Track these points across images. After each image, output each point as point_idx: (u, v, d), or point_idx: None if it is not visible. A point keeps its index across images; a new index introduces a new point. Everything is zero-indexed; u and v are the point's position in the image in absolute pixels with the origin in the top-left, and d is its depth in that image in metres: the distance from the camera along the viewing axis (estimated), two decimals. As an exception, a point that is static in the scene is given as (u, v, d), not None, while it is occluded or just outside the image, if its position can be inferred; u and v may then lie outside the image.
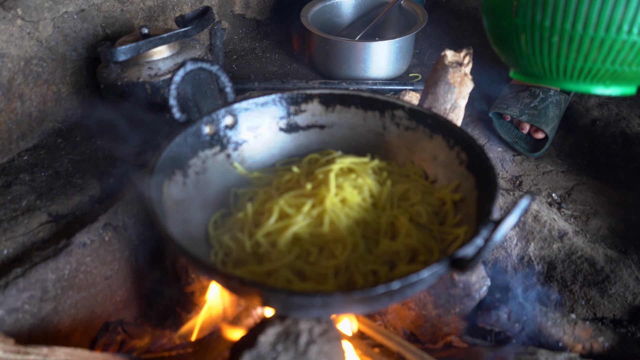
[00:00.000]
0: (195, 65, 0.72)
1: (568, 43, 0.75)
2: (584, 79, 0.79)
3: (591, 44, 0.74)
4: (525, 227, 0.93)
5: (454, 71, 0.82)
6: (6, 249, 0.80)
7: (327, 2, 1.48)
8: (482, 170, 0.67)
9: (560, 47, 0.76)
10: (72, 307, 0.78)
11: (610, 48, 0.73)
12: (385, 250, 0.67)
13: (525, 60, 0.82)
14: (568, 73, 0.79)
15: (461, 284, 0.78)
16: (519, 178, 1.08)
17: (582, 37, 0.74)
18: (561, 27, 0.74)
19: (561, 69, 0.79)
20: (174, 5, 1.31)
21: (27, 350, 0.62)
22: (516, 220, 0.53)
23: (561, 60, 0.78)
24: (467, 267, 0.52)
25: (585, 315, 0.87)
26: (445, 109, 0.83)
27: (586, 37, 0.73)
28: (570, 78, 0.80)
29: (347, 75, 1.35)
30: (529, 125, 1.16)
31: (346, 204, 0.70)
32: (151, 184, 0.62)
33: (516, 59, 0.85)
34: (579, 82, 0.80)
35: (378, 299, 0.54)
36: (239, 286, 0.54)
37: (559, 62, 0.78)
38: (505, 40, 0.83)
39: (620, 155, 1.13)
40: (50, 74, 1.05)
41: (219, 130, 0.76)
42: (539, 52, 0.79)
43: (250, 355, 0.58)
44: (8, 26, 0.95)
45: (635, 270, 0.87)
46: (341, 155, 0.80)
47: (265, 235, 0.68)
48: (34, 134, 1.05)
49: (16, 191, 0.91)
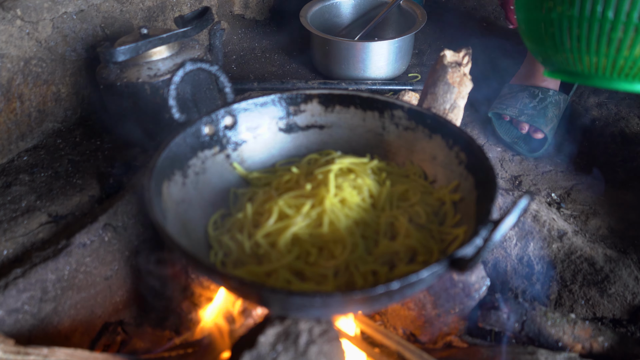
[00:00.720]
0: (195, 65, 0.72)
1: (632, 37, 0.65)
2: (632, 78, 0.70)
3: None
4: (525, 227, 0.93)
5: (453, 71, 0.82)
6: (6, 249, 0.80)
7: (326, 2, 1.48)
8: (481, 170, 0.67)
9: (622, 41, 0.66)
10: (72, 307, 0.78)
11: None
12: (384, 250, 0.67)
13: (571, 58, 0.73)
14: (624, 72, 0.70)
15: (461, 284, 0.78)
16: (518, 178, 1.09)
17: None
18: (627, 18, 0.64)
19: (617, 67, 0.70)
20: (173, 5, 1.31)
21: (27, 351, 0.62)
22: (515, 220, 0.53)
23: (620, 57, 0.68)
24: (467, 267, 0.52)
25: (585, 315, 0.87)
26: (445, 109, 0.83)
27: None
28: (625, 77, 0.70)
29: (346, 76, 1.35)
30: (528, 126, 1.16)
31: (345, 204, 0.70)
32: (151, 185, 0.62)
33: (558, 57, 0.75)
34: (628, 80, 0.71)
35: (378, 299, 0.54)
36: (239, 286, 0.54)
37: (618, 59, 0.68)
38: (547, 34, 0.73)
39: (620, 155, 1.13)
40: (49, 75, 1.05)
41: (218, 131, 0.76)
42: (594, 49, 0.69)
43: (250, 356, 0.58)
44: (7, 26, 0.95)
45: (634, 270, 0.87)
46: (340, 155, 0.80)
47: (265, 235, 0.68)
48: (33, 134, 1.05)
49: (16, 192, 0.91)
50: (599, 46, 0.69)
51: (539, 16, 0.73)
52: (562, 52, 0.73)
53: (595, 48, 0.69)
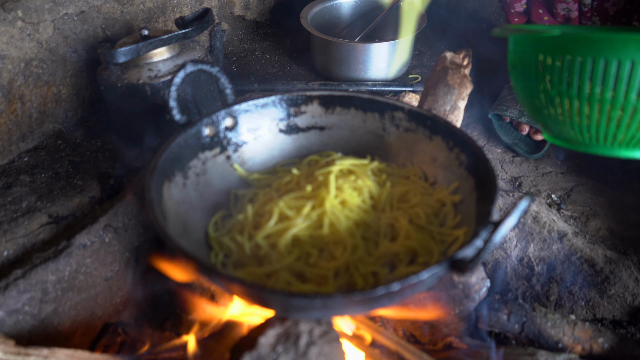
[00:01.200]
0: (195, 66, 0.72)
1: (631, 115, 0.69)
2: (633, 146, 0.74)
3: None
4: (525, 228, 0.93)
5: (454, 73, 0.83)
6: (6, 250, 0.80)
7: (326, 4, 1.48)
8: (481, 172, 0.67)
9: (621, 120, 0.70)
10: (72, 308, 0.78)
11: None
12: (385, 251, 0.67)
13: (572, 132, 0.75)
14: (624, 143, 0.73)
15: (461, 285, 0.78)
16: (518, 179, 1.09)
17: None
18: (625, 99, 0.68)
19: (618, 140, 0.73)
20: (173, 6, 1.32)
21: (27, 352, 0.62)
22: (516, 222, 0.53)
23: (620, 131, 0.71)
24: (467, 268, 0.52)
25: (585, 316, 0.87)
26: (445, 111, 0.83)
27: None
28: (626, 146, 0.73)
29: (346, 77, 1.35)
30: (528, 127, 1.16)
31: (346, 205, 0.70)
32: (151, 186, 0.62)
33: (555, 126, 0.77)
34: (629, 149, 0.74)
35: (378, 300, 0.54)
36: (239, 288, 0.55)
37: (618, 133, 0.71)
38: (546, 108, 0.76)
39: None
40: (50, 76, 1.05)
41: (219, 132, 0.76)
42: (594, 124, 0.72)
43: (250, 357, 0.58)
44: (8, 28, 0.95)
45: (634, 271, 0.87)
46: (341, 157, 0.80)
47: (265, 237, 0.68)
48: (34, 135, 1.05)
49: (16, 192, 0.91)
50: (600, 124, 0.71)
51: (537, 90, 0.75)
52: (563, 125, 0.75)
53: (596, 124, 0.72)
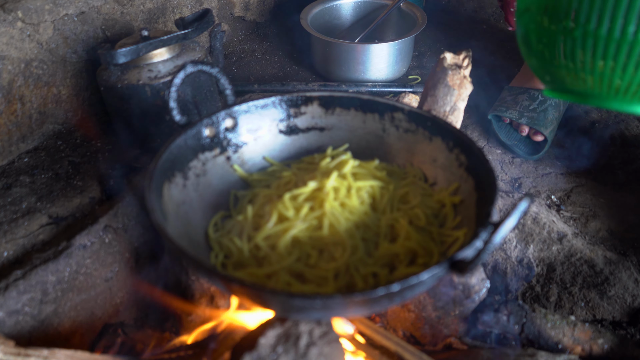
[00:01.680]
0: (195, 67, 0.72)
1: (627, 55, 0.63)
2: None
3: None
4: (525, 229, 0.93)
5: (453, 73, 0.83)
6: (6, 251, 0.80)
7: (326, 5, 1.49)
8: (481, 173, 0.67)
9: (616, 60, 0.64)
10: (72, 309, 0.78)
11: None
12: (384, 252, 0.67)
13: (587, 78, 0.70)
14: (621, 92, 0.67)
15: (461, 286, 0.78)
16: (518, 180, 1.09)
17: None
18: (621, 34, 0.61)
19: (633, 87, 0.67)
20: (173, 7, 1.32)
21: (27, 352, 0.62)
22: (515, 223, 0.53)
23: (637, 76, 0.65)
24: (467, 269, 0.52)
25: (585, 317, 0.88)
26: (445, 112, 0.83)
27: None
28: (623, 97, 0.68)
29: (346, 78, 1.35)
30: (528, 128, 1.16)
31: (346, 207, 0.70)
32: (151, 186, 0.62)
33: (563, 75, 0.72)
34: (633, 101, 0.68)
35: (378, 301, 0.54)
36: (239, 288, 0.55)
37: (635, 78, 0.65)
38: (554, 52, 0.70)
39: (619, 157, 1.13)
40: (50, 76, 1.05)
41: (219, 133, 0.76)
42: (619, 71, 0.66)
43: (250, 358, 0.58)
44: (8, 28, 0.95)
45: (634, 272, 0.87)
46: (341, 158, 0.80)
47: (265, 238, 0.68)
48: (34, 136, 1.05)
49: (16, 193, 0.91)
50: (626, 70, 0.66)
51: (554, 33, 0.70)
52: (579, 74, 0.70)
53: (621, 71, 0.66)
